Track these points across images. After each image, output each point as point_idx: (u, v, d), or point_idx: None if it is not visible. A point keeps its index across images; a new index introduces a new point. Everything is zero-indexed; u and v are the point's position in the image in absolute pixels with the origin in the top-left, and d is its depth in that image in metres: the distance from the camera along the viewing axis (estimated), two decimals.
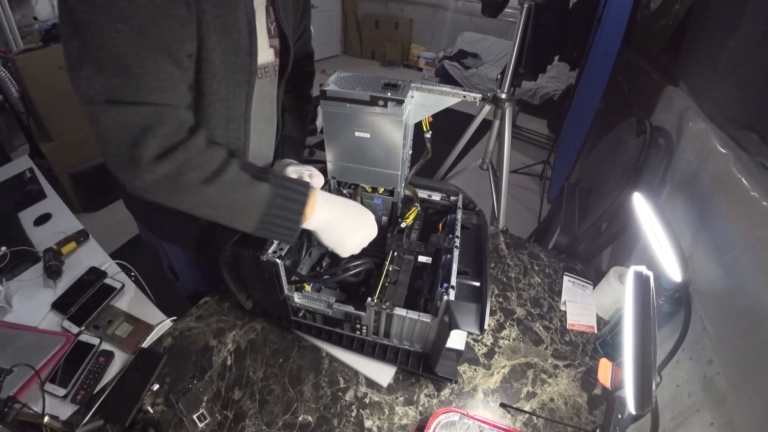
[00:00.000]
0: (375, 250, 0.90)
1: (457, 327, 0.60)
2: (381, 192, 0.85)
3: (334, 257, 0.94)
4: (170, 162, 0.52)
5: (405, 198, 0.87)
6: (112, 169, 0.54)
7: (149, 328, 0.84)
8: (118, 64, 0.47)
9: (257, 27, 0.66)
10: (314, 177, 0.74)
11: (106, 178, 0.78)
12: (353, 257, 0.72)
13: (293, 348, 0.81)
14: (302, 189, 0.63)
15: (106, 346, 0.80)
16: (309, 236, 0.86)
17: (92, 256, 1.02)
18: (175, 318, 0.86)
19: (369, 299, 0.68)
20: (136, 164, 0.51)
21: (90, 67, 0.47)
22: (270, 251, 0.71)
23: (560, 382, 0.79)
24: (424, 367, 0.75)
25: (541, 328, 0.90)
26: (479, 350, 0.84)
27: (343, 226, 0.67)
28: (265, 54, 0.72)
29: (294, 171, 0.74)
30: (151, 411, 0.69)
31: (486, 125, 1.86)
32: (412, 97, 0.71)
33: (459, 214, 0.81)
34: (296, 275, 0.74)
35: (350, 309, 0.71)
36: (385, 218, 0.90)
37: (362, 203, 0.87)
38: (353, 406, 0.72)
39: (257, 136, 0.81)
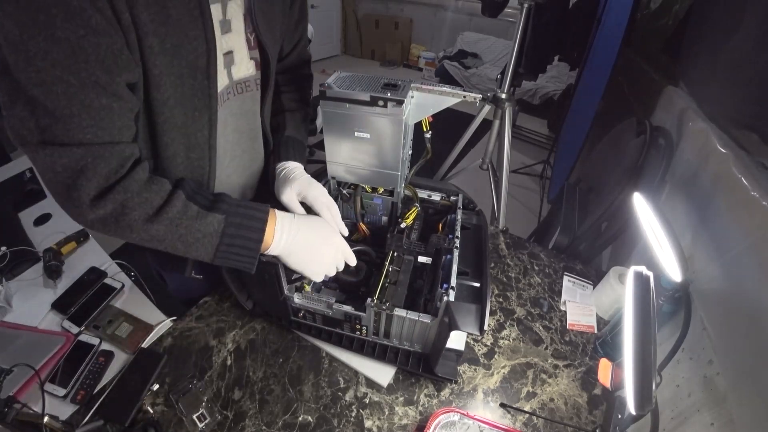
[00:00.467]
0: (375, 250, 0.91)
1: (457, 328, 0.60)
2: (381, 192, 0.85)
3: None
4: (110, 202, 0.50)
5: (405, 198, 0.87)
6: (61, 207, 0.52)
7: (149, 328, 0.84)
8: (45, 103, 0.44)
9: (233, 39, 0.62)
10: (316, 200, 0.70)
11: None
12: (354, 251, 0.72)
13: (293, 348, 0.81)
14: (259, 215, 0.59)
15: (106, 346, 0.80)
16: None
17: (92, 256, 1.02)
18: (175, 318, 0.86)
19: (369, 300, 0.68)
20: (76, 205, 0.49)
21: (22, 107, 0.45)
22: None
23: (560, 382, 0.79)
24: (424, 367, 0.75)
25: (541, 328, 0.90)
26: (479, 350, 0.84)
27: (306, 249, 0.64)
28: (246, 67, 0.68)
29: (293, 195, 0.71)
30: (151, 411, 0.69)
31: (486, 125, 1.86)
32: (412, 97, 0.71)
33: (459, 214, 0.81)
34: (296, 272, 0.73)
35: (350, 309, 0.71)
36: (385, 218, 0.90)
37: (362, 203, 0.87)
38: (353, 406, 0.72)
39: (239, 153, 0.78)
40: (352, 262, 0.71)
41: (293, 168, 0.77)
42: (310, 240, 0.64)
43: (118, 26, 0.46)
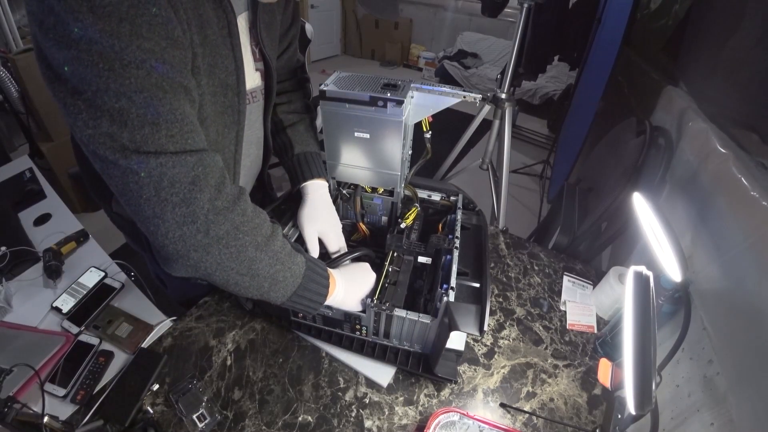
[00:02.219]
0: (375, 251, 0.91)
1: (456, 328, 0.60)
2: (381, 192, 0.85)
3: None
4: (227, 222, 0.46)
5: (405, 198, 0.87)
6: (156, 239, 0.45)
7: (149, 328, 0.84)
8: (141, 111, 0.41)
9: (242, 53, 0.63)
10: (330, 242, 0.79)
11: None
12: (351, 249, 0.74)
13: (293, 348, 0.81)
14: (322, 269, 0.64)
15: (106, 346, 0.80)
16: None
17: (92, 256, 1.02)
18: (175, 318, 0.86)
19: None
20: (188, 222, 0.44)
21: (108, 123, 0.40)
22: None
23: (560, 382, 0.79)
24: (424, 367, 0.75)
25: (541, 328, 0.90)
26: (479, 350, 0.84)
27: (354, 296, 0.69)
28: (252, 79, 0.69)
29: (315, 235, 0.78)
30: (151, 411, 0.69)
31: (486, 125, 1.86)
32: (412, 97, 0.71)
33: (459, 214, 0.81)
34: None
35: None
36: (385, 218, 0.90)
37: (362, 203, 0.87)
38: (353, 406, 0.72)
39: (248, 163, 0.79)
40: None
41: (316, 195, 0.82)
42: (355, 289, 0.70)
43: (188, 45, 0.46)
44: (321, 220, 0.79)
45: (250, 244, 0.50)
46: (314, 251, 0.78)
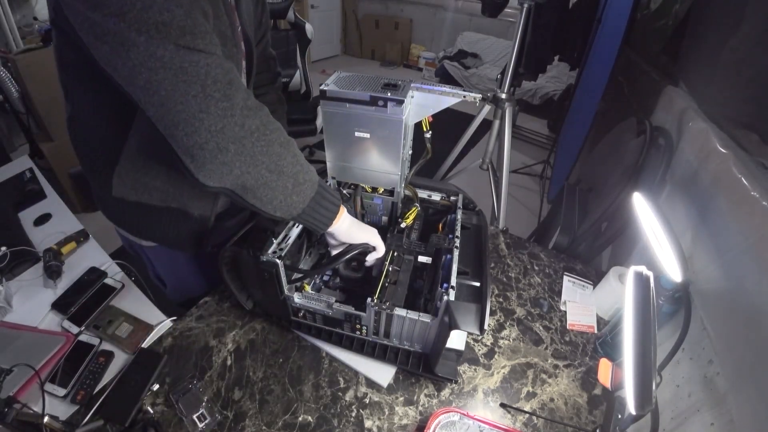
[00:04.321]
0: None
1: (457, 327, 0.60)
2: (381, 192, 0.85)
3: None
4: (257, 117, 0.52)
5: (405, 198, 0.87)
6: (199, 135, 0.49)
7: (149, 328, 0.84)
8: (185, 19, 0.45)
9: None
10: None
11: None
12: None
13: (293, 348, 0.81)
14: (335, 194, 0.67)
15: (106, 346, 0.80)
16: (309, 236, 0.86)
17: (92, 256, 1.02)
18: (175, 318, 0.86)
19: (369, 299, 0.68)
20: (230, 115, 0.49)
21: (158, 9, 0.44)
22: (270, 251, 0.71)
23: (560, 382, 0.79)
24: (424, 367, 0.75)
25: (541, 328, 0.90)
26: (479, 350, 0.84)
27: (357, 231, 0.72)
28: None
29: None
30: (151, 411, 0.69)
31: (486, 125, 1.87)
32: (412, 97, 0.71)
33: (459, 214, 0.81)
34: (298, 271, 0.74)
35: (350, 309, 0.71)
36: (385, 218, 0.90)
37: (362, 203, 0.87)
38: (353, 406, 0.72)
39: None
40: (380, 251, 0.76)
41: None
42: (358, 228, 0.73)
43: None
44: None
45: (276, 141, 0.55)
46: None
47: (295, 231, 0.77)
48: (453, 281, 0.65)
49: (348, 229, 0.71)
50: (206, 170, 0.52)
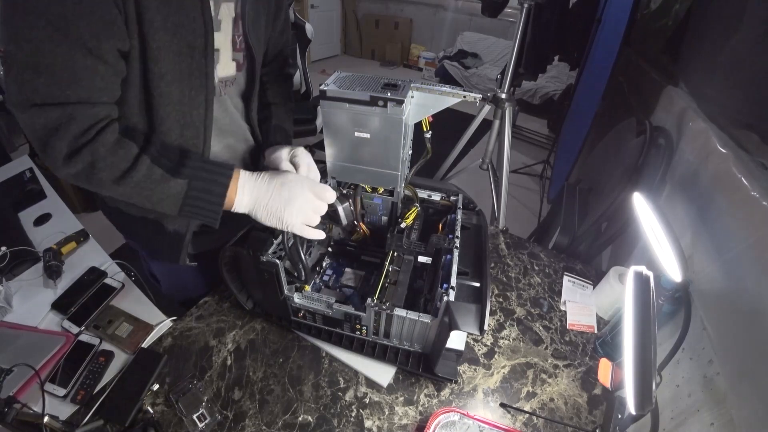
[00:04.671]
0: (375, 250, 0.91)
1: (457, 328, 0.60)
2: (381, 192, 0.85)
3: (335, 260, 0.94)
4: (79, 162, 0.54)
5: (405, 198, 0.87)
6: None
7: (149, 328, 0.83)
8: (32, 60, 0.48)
9: (221, 38, 0.66)
10: (299, 156, 0.71)
11: None
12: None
13: (293, 348, 0.81)
14: (222, 179, 0.61)
15: (106, 346, 0.80)
16: None
17: (92, 256, 1.02)
18: (175, 318, 0.86)
19: (369, 299, 0.68)
20: (51, 162, 0.54)
21: (16, 71, 0.49)
22: (270, 251, 0.71)
23: (560, 382, 0.79)
24: (424, 367, 0.75)
25: (541, 328, 0.90)
26: (479, 350, 0.84)
27: (273, 201, 0.63)
28: (228, 67, 0.72)
29: (285, 155, 0.72)
30: (151, 411, 0.69)
31: (486, 125, 1.87)
32: (412, 97, 0.70)
33: (459, 214, 0.81)
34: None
35: (350, 309, 0.71)
36: (385, 218, 0.90)
37: (362, 203, 0.87)
38: (353, 406, 0.72)
39: (228, 152, 0.80)
40: (330, 197, 0.67)
41: (281, 147, 0.79)
42: (273, 193, 0.63)
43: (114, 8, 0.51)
44: (284, 150, 0.74)
45: (107, 179, 0.56)
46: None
47: None
48: (453, 281, 0.65)
49: (256, 209, 0.63)
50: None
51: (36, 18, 0.46)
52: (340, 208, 0.75)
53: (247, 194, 0.63)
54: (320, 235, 0.67)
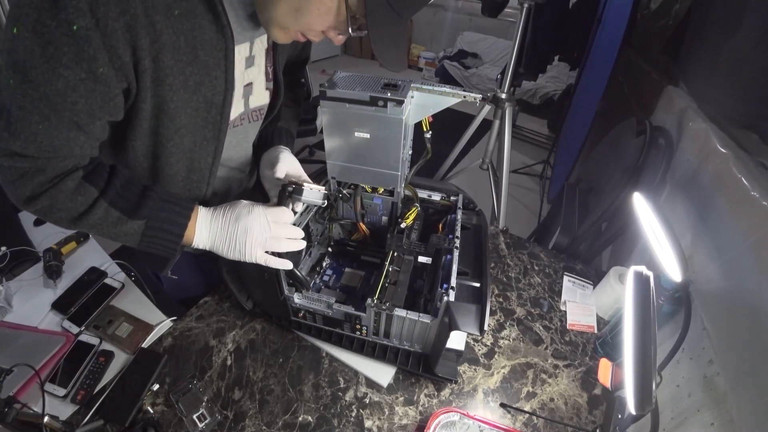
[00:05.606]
0: (375, 250, 0.91)
1: (457, 328, 0.60)
2: (381, 192, 0.85)
3: (335, 260, 0.94)
4: (39, 203, 0.55)
5: (405, 198, 0.87)
6: None
7: (149, 328, 0.84)
8: (15, 127, 0.48)
9: (254, 73, 0.67)
10: (280, 161, 0.73)
11: None
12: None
13: (293, 348, 0.81)
14: (181, 216, 0.61)
15: (106, 346, 0.80)
16: (309, 236, 0.86)
17: (92, 256, 1.02)
18: (175, 318, 0.86)
19: (369, 300, 0.68)
20: (13, 199, 0.56)
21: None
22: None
23: (560, 382, 0.79)
24: (424, 367, 0.75)
25: (541, 328, 0.90)
26: (479, 350, 0.84)
27: (230, 235, 0.63)
28: (262, 96, 0.73)
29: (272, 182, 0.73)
30: (151, 411, 0.69)
31: (486, 125, 1.87)
32: (412, 97, 0.70)
33: (459, 214, 0.81)
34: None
35: (350, 309, 0.71)
36: (385, 218, 0.90)
37: (362, 203, 0.87)
38: (353, 406, 0.72)
39: (226, 186, 0.81)
40: (288, 218, 0.67)
41: (280, 150, 0.80)
42: (230, 227, 0.64)
43: (131, 71, 0.50)
44: (279, 164, 0.74)
45: (64, 218, 0.57)
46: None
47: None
48: (453, 282, 0.65)
49: (217, 246, 0.64)
50: None
51: (33, 89, 0.45)
52: (304, 196, 0.67)
53: (204, 232, 0.64)
54: (286, 265, 0.67)
